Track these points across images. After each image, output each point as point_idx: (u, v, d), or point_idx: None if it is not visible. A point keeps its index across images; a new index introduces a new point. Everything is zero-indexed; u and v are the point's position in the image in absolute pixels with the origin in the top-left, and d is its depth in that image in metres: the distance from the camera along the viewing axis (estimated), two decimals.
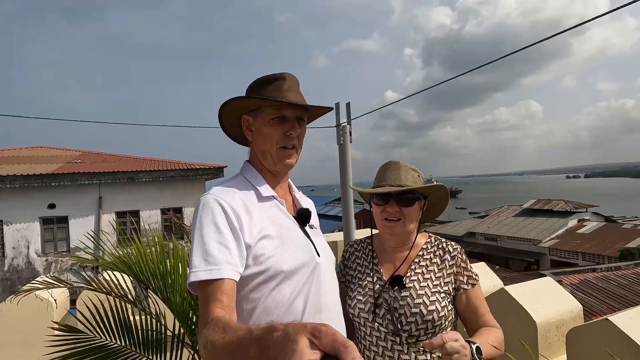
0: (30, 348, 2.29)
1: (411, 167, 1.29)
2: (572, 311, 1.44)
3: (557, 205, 32.94)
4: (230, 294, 0.88)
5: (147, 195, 13.59)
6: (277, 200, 1.07)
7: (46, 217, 12.65)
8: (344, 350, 0.44)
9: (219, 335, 0.73)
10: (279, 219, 1.04)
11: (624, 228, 26.73)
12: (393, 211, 1.23)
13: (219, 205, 0.95)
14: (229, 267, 0.89)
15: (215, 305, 0.85)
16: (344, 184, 3.34)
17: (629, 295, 9.96)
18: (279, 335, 0.52)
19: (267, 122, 1.04)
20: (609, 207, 53.37)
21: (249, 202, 1.01)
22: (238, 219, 0.95)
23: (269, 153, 1.06)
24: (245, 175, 1.10)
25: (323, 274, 1.04)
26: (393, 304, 1.19)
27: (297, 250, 1.01)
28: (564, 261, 25.00)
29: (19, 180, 11.77)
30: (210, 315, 0.83)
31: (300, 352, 0.45)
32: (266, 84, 1.06)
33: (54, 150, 15.80)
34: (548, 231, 28.81)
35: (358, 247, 1.40)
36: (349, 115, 2.92)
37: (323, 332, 0.47)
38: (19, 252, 12.36)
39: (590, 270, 12.65)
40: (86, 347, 1.58)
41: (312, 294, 0.99)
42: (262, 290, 0.94)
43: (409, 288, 1.19)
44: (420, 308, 1.15)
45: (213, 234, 0.92)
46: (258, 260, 0.94)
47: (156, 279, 1.72)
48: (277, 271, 0.94)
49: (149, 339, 1.68)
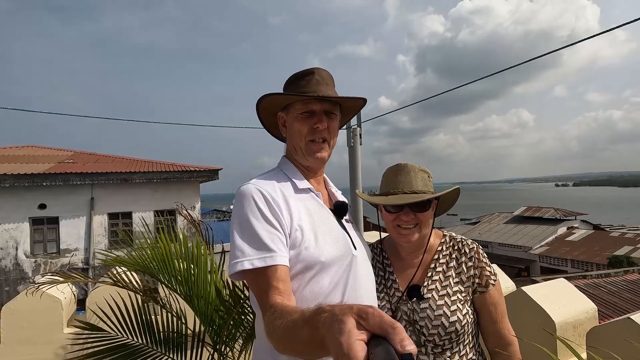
0: (39, 346, 2.26)
1: (420, 168, 1.23)
2: (587, 312, 1.47)
3: (547, 212, 33.42)
4: (285, 279, 0.89)
5: (140, 197, 13.41)
6: (313, 193, 1.08)
7: (36, 218, 12.40)
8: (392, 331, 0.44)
9: (278, 321, 0.74)
10: (316, 210, 1.04)
11: (612, 236, 27.23)
12: (409, 219, 1.15)
13: (261, 193, 0.96)
14: (281, 254, 0.90)
15: (273, 292, 0.86)
16: (354, 185, 3.35)
17: (619, 302, 10.12)
18: (326, 315, 0.53)
19: (295, 118, 1.06)
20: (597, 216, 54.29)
21: (287, 193, 1.01)
22: (278, 207, 0.95)
23: (299, 147, 1.07)
24: (282, 168, 1.11)
25: (360, 266, 1.03)
26: (412, 317, 1.14)
27: (335, 242, 1.00)
28: (553, 268, 25.33)
29: (9, 180, 11.53)
30: (269, 303, 0.84)
31: (348, 331, 0.45)
32: (298, 80, 1.07)
33: (46, 150, 15.52)
34: (538, 238, 29.19)
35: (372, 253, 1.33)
36: (359, 118, 2.94)
37: (370, 313, 0.47)
38: (7, 253, 12.07)
39: (581, 277, 12.83)
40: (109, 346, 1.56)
41: (349, 287, 0.98)
42: (299, 281, 0.94)
43: (427, 299, 1.14)
44: (442, 320, 1.10)
45: (259, 222, 0.92)
46: (296, 250, 0.94)
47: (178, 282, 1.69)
48: (314, 261, 0.94)
49: (169, 337, 1.66)
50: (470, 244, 1.21)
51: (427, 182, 1.20)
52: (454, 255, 1.20)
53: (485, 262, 1.19)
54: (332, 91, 1.07)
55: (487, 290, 1.16)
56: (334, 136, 1.11)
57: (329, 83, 1.08)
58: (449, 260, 1.19)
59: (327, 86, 1.07)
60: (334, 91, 1.09)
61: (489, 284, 1.16)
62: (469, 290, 1.16)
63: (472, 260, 1.18)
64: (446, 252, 1.21)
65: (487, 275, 1.17)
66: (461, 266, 1.18)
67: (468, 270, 1.17)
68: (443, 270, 1.18)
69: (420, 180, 1.18)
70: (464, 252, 1.19)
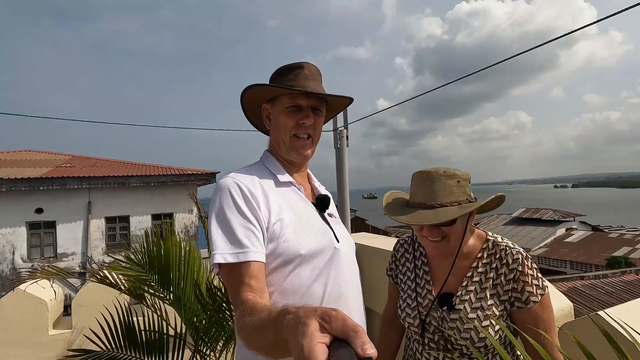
0: (23, 349, 2.25)
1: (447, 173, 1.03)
2: (563, 309, 1.47)
3: (546, 214, 33.45)
4: (259, 276, 0.89)
5: (138, 201, 13.41)
6: (295, 187, 1.07)
7: (33, 222, 12.38)
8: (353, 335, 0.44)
9: (247, 319, 0.74)
10: (297, 204, 1.03)
11: (611, 237, 27.23)
12: (433, 234, 1.04)
13: (239, 187, 0.95)
14: (255, 250, 0.89)
15: (245, 289, 0.85)
16: (341, 187, 3.37)
17: (616, 303, 10.11)
18: (290, 317, 0.53)
19: (281, 111, 1.04)
20: (596, 217, 54.34)
21: (267, 186, 1.00)
22: (256, 201, 0.94)
23: (283, 142, 1.06)
24: (264, 162, 1.10)
25: (343, 260, 1.02)
26: (441, 325, 1.07)
27: (316, 235, 0.99)
28: (552, 269, 25.30)
29: (5, 184, 11.52)
30: (240, 300, 0.84)
31: (310, 334, 0.45)
32: (286, 73, 1.05)
33: (43, 154, 15.52)
34: (537, 239, 29.19)
35: (409, 248, 1.26)
36: (346, 120, 2.96)
37: (333, 316, 0.47)
38: (4, 258, 12.05)
39: (579, 278, 12.85)
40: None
41: (331, 280, 0.97)
42: (279, 274, 0.93)
43: (458, 310, 1.04)
44: (471, 334, 1.01)
45: (235, 216, 0.91)
46: (275, 243, 0.93)
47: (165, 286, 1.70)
48: (294, 254, 0.93)
49: (151, 339, 1.66)
50: (515, 254, 1.04)
51: (454, 190, 1.02)
52: (494, 265, 1.06)
53: (532, 274, 1.03)
54: (320, 87, 1.06)
55: (526, 307, 1.01)
56: (319, 132, 1.10)
57: (317, 78, 1.07)
58: (489, 270, 1.06)
59: (316, 81, 1.05)
60: (322, 87, 1.07)
61: (530, 300, 1.00)
62: (506, 305, 1.03)
63: (513, 272, 1.03)
64: (487, 260, 1.07)
65: (530, 290, 1.01)
66: (500, 277, 1.04)
67: (507, 283, 1.03)
68: (480, 280, 1.06)
69: (445, 190, 1.02)
70: (505, 263, 1.04)
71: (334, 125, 3.20)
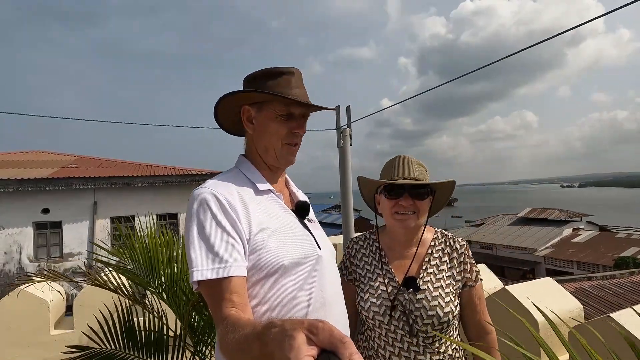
0: (24, 348, 2.25)
1: (417, 161, 1.30)
2: (572, 311, 1.44)
3: (552, 214, 33.14)
4: (241, 291, 0.85)
5: (143, 201, 13.49)
6: (274, 194, 1.04)
7: (40, 222, 12.50)
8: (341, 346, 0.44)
9: (230, 335, 0.72)
10: (277, 212, 1.01)
11: (618, 237, 26.91)
12: (407, 204, 1.22)
13: (216, 198, 0.91)
14: (236, 264, 0.86)
15: (226, 305, 0.82)
16: (345, 186, 3.34)
17: (625, 304, 9.99)
18: (276, 331, 0.52)
19: (273, 118, 1.01)
20: (603, 217, 53.76)
21: (246, 195, 0.97)
22: (235, 212, 0.91)
23: (272, 149, 1.03)
24: (240, 168, 1.06)
25: (325, 266, 1.01)
26: (408, 307, 1.18)
27: (298, 244, 0.97)
28: (559, 270, 25.07)
29: (12, 185, 11.64)
30: (222, 316, 0.81)
31: (297, 348, 0.45)
32: (274, 77, 1.01)
33: (49, 155, 15.67)
34: (543, 240, 28.93)
35: (364, 244, 1.37)
36: (349, 118, 2.94)
37: (320, 328, 0.46)
38: (11, 258, 12.18)
39: (586, 279, 12.70)
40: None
41: (315, 288, 0.95)
42: (263, 286, 0.90)
43: (423, 290, 1.19)
44: (437, 310, 1.16)
45: (213, 229, 0.87)
46: (257, 255, 0.90)
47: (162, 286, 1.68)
48: (278, 265, 0.91)
49: (151, 340, 1.65)
50: (461, 240, 1.30)
51: (424, 174, 1.27)
52: (446, 251, 1.28)
53: (472, 259, 1.29)
54: (306, 94, 1.05)
55: (475, 284, 1.25)
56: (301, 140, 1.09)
57: (302, 85, 1.05)
58: (442, 255, 1.27)
59: (302, 89, 1.04)
60: (307, 93, 1.06)
61: (478, 279, 1.26)
62: (459, 284, 1.24)
63: (462, 256, 1.26)
64: (439, 247, 1.29)
65: (476, 271, 1.27)
66: (452, 261, 1.26)
67: (459, 265, 1.25)
68: (437, 264, 1.25)
69: (419, 172, 1.26)
70: (455, 249, 1.28)
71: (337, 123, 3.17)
